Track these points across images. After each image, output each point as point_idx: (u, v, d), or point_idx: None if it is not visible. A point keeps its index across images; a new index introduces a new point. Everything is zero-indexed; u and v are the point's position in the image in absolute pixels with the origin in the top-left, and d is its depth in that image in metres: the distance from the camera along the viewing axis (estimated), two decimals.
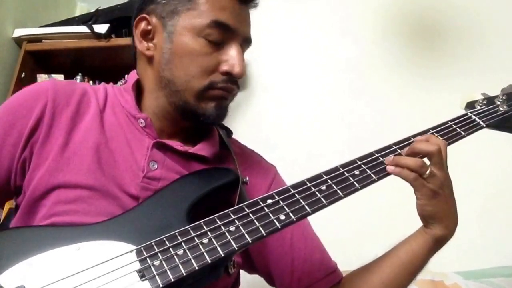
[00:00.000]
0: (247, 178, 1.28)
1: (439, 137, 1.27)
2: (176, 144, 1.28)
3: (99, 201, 1.17)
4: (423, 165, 1.18)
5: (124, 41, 2.67)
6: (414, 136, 1.28)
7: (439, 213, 1.21)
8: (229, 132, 1.46)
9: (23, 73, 2.70)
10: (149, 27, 1.29)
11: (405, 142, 1.27)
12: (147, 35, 1.30)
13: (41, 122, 1.21)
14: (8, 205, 1.31)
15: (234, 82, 1.27)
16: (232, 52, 1.25)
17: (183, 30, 1.24)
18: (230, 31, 1.24)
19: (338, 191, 1.16)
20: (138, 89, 1.33)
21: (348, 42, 2.84)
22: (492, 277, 1.99)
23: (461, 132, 1.35)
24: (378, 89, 2.68)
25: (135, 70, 1.36)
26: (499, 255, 2.12)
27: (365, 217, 2.28)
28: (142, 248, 1.02)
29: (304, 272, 1.35)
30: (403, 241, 1.30)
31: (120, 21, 2.75)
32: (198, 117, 1.26)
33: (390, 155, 1.23)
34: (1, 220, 1.35)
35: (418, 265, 1.27)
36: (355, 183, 1.19)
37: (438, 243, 1.24)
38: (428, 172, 1.17)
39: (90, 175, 1.18)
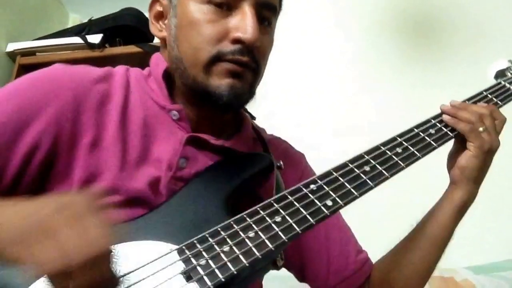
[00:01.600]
0: (281, 163, 1.14)
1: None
2: (210, 138, 1.10)
3: (130, 204, 1.00)
4: (479, 120, 1.14)
5: (118, 50, 2.62)
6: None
7: (480, 171, 1.15)
8: (252, 116, 1.30)
9: None
10: (161, 9, 1.14)
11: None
12: (160, 17, 1.15)
13: (62, 125, 1.01)
14: None
15: (247, 54, 1.04)
16: (240, 17, 1.04)
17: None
18: None
19: (384, 171, 1.05)
20: (169, 78, 1.14)
21: (353, 38, 2.79)
22: (503, 270, 1.93)
23: (498, 102, 1.26)
24: (383, 86, 2.63)
25: (157, 55, 1.18)
26: (509, 248, 2.07)
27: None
28: (184, 247, 0.87)
29: (340, 264, 1.23)
30: (428, 215, 1.20)
31: (113, 31, 2.67)
32: (210, 97, 1.05)
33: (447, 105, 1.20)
34: None
35: (448, 238, 1.18)
36: (399, 162, 1.07)
37: (464, 209, 1.17)
38: (482, 128, 1.14)
39: (119, 181, 1.00)
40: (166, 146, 1.07)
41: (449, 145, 1.19)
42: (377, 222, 2.21)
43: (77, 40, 2.62)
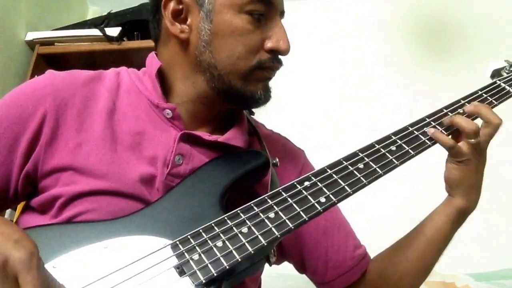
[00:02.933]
0: (277, 160, 1.13)
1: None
2: (204, 134, 1.10)
3: (125, 201, 1.00)
4: (476, 132, 1.08)
5: (136, 44, 2.56)
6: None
7: (465, 181, 1.11)
8: (250, 111, 1.30)
9: (36, 76, 2.54)
10: (180, 7, 1.08)
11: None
12: (178, 16, 1.09)
13: (41, 132, 1.02)
14: (21, 207, 1.14)
15: (279, 60, 1.10)
16: (275, 27, 1.08)
17: (223, 7, 1.05)
18: (271, 5, 1.07)
19: (378, 169, 1.03)
20: (161, 77, 1.13)
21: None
22: (504, 279, 1.93)
23: (493, 101, 1.21)
24: (400, 87, 2.60)
25: (152, 55, 1.17)
26: (511, 257, 2.04)
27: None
28: (177, 242, 0.87)
29: (338, 261, 1.21)
30: (427, 217, 1.18)
31: (132, 24, 2.61)
32: (246, 102, 1.10)
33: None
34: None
35: (443, 241, 1.15)
36: (393, 160, 1.05)
37: (461, 215, 1.14)
38: (475, 141, 1.08)
39: (112, 177, 1.00)
40: (160, 144, 1.06)
41: None
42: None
43: (95, 32, 2.57)
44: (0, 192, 1.03)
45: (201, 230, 0.89)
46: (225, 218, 0.91)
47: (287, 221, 0.91)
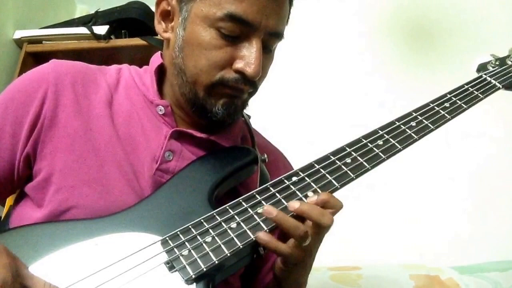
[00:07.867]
0: (265, 156, 1.13)
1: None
2: (195, 132, 1.11)
3: (116, 194, 1.01)
4: (305, 236, 0.91)
5: (123, 42, 2.59)
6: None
7: (293, 276, 1.03)
8: (248, 115, 1.29)
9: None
10: (168, 8, 1.10)
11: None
12: (167, 16, 1.11)
13: (41, 114, 1.05)
14: (9, 202, 1.16)
15: (248, 82, 1.05)
16: (250, 49, 1.03)
17: (196, 18, 1.04)
18: (249, 26, 1.01)
19: (364, 163, 1.04)
20: (162, 74, 1.15)
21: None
22: (487, 271, 1.90)
23: (479, 94, 1.23)
24: (385, 84, 2.60)
25: (158, 52, 1.19)
26: (494, 250, 2.05)
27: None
28: (167, 238, 0.89)
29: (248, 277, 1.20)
30: None
31: (119, 23, 2.64)
32: (206, 113, 1.07)
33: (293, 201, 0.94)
34: (2, 218, 1.18)
35: None
36: (380, 153, 1.06)
37: None
38: (307, 242, 0.92)
39: (105, 168, 1.02)
40: (151, 139, 1.08)
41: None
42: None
43: (83, 30, 2.59)
44: (7, 177, 1.07)
45: (190, 226, 0.90)
46: (214, 214, 0.93)
47: None
